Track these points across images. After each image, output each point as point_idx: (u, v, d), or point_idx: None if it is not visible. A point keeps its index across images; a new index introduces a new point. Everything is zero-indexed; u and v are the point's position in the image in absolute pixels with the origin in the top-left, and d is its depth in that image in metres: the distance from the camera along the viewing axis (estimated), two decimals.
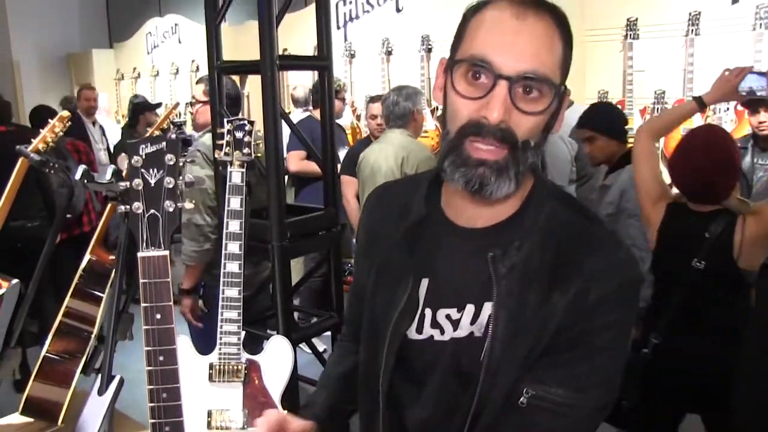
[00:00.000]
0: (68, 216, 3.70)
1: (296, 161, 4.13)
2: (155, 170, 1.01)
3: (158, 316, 1.03)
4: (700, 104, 2.37)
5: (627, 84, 4.48)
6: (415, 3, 5.39)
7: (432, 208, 1.07)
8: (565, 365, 0.96)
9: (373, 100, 4.23)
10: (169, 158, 1.01)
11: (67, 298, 2.29)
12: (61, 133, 2.13)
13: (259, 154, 2.15)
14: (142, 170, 1.00)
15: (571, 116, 3.89)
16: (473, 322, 1.01)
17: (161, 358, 1.04)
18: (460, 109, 0.94)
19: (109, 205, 2.07)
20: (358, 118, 5.61)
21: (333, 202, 2.48)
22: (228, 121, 2.03)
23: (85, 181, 1.68)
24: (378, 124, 3.86)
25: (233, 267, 1.94)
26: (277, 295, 2.35)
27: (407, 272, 1.05)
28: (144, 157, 1.00)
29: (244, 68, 2.48)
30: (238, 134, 2.00)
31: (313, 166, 3.72)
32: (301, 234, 2.42)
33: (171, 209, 1.01)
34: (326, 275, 2.76)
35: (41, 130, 2.11)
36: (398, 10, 5.51)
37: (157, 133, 3.50)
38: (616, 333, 0.97)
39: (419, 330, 1.06)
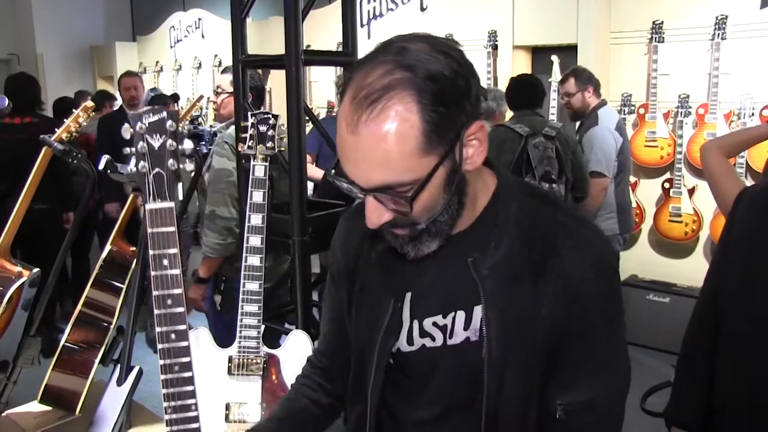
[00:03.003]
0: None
1: None
2: (158, 135, 1.11)
3: (165, 262, 1.10)
4: None
5: (651, 87, 4.46)
6: (439, 2, 5.37)
7: None
8: (581, 362, 1.00)
9: None
10: (170, 124, 1.11)
11: (87, 288, 2.30)
12: (84, 123, 2.14)
13: (282, 148, 2.14)
14: (146, 135, 1.10)
15: (606, 114, 3.89)
16: (467, 327, 1.03)
17: (169, 302, 1.10)
18: None
19: (131, 196, 2.07)
20: None
21: (354, 198, 2.47)
22: (252, 115, 2.03)
23: (108, 171, 1.69)
24: None
25: (254, 260, 1.93)
26: (298, 289, 2.34)
27: (387, 292, 1.08)
28: (147, 125, 1.10)
29: (268, 62, 2.47)
30: (262, 128, 2.00)
31: (313, 172, 3.63)
32: (323, 229, 2.41)
33: (174, 168, 1.11)
34: None
35: (65, 120, 2.12)
36: (422, 9, 5.49)
37: (183, 124, 3.49)
38: (614, 312, 1.02)
39: (410, 342, 1.08)
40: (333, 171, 0.99)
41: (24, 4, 8.39)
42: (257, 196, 1.96)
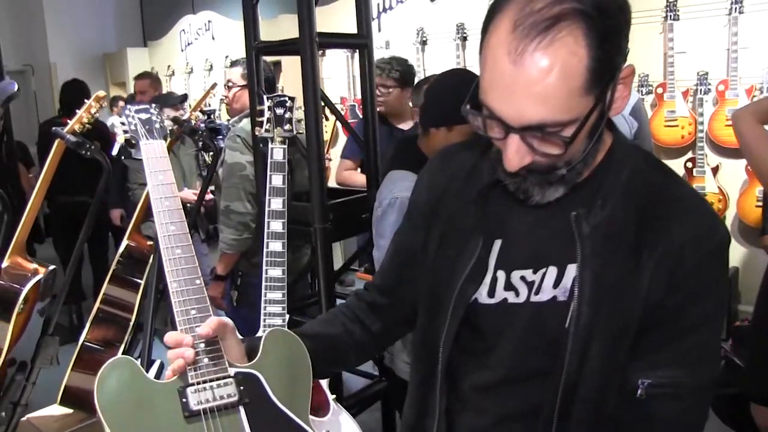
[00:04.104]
0: None
1: (340, 171, 3.72)
2: (143, 113, 1.37)
3: (161, 178, 1.23)
4: None
5: (668, 66, 4.36)
6: None
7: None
8: (673, 343, 0.92)
9: None
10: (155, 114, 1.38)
11: (105, 285, 2.27)
12: (97, 114, 2.11)
13: (301, 131, 2.09)
14: (137, 115, 1.36)
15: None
16: (556, 285, 0.96)
17: (173, 229, 1.17)
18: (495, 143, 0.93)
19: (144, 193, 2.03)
20: None
21: (376, 184, 2.43)
22: (268, 98, 1.98)
23: (123, 157, 1.65)
24: None
25: (276, 246, 1.89)
26: (321, 279, 2.29)
27: (477, 234, 1.01)
28: (135, 111, 1.37)
29: (282, 47, 2.43)
30: (279, 111, 1.96)
31: (357, 178, 3.51)
32: (344, 216, 2.36)
33: (159, 122, 1.37)
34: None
35: (77, 111, 2.09)
36: (432, 0, 5.44)
37: (196, 114, 3.45)
38: (716, 300, 0.93)
39: (491, 293, 1.01)
40: (467, 106, 0.91)
41: (36, 15, 8.45)
42: (277, 180, 1.91)
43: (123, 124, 1.32)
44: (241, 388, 1.04)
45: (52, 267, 2.25)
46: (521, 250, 0.99)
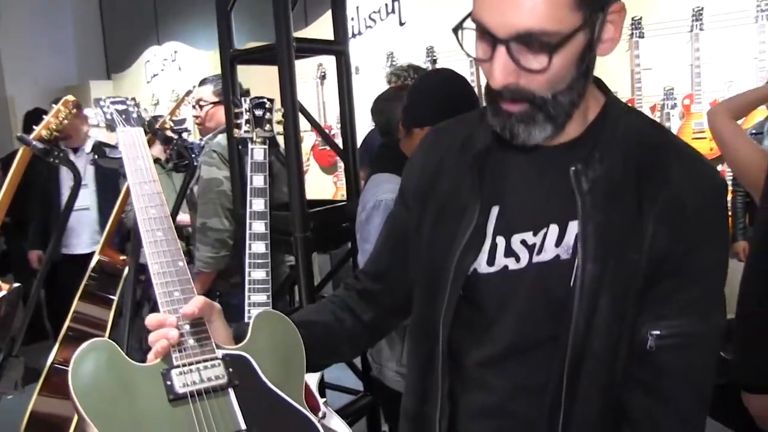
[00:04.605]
0: None
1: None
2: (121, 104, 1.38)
3: (139, 163, 1.18)
4: None
5: (635, 83, 4.46)
6: (418, 15, 5.37)
7: (499, 136, 1.01)
8: (680, 292, 0.92)
9: None
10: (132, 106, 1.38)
11: (75, 302, 2.17)
12: (65, 121, 2.02)
13: (280, 132, 2.05)
14: (114, 106, 1.35)
15: None
16: (558, 243, 0.94)
17: (153, 212, 1.11)
18: (482, 69, 0.93)
19: (123, 188, 1.94)
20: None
21: (356, 192, 2.38)
22: (246, 100, 1.94)
23: (96, 156, 1.58)
24: None
25: (259, 247, 1.83)
26: (302, 289, 2.23)
27: (474, 201, 1.00)
28: (111, 102, 1.38)
29: (258, 54, 2.39)
30: (258, 112, 1.92)
31: None
32: (324, 226, 2.31)
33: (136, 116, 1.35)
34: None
35: (44, 116, 2.01)
36: (401, 24, 5.48)
37: (171, 118, 3.36)
38: (720, 247, 0.94)
39: (490, 261, 0.99)
40: (460, 23, 0.92)
41: None
42: (258, 180, 1.86)
43: (97, 115, 1.31)
44: (230, 370, 0.97)
45: (16, 285, 2.14)
46: (520, 213, 0.99)
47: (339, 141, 2.60)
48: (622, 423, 0.95)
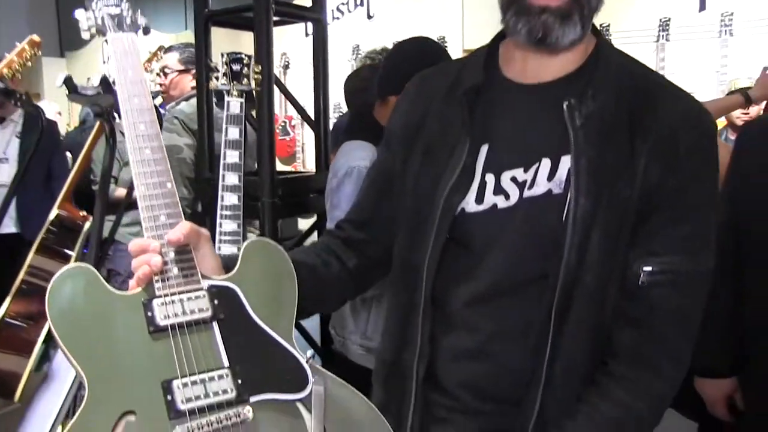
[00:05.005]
0: None
1: None
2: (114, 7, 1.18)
3: (130, 74, 1.07)
4: (747, 99, 2.38)
5: None
6: (385, 9, 5.36)
7: (490, 74, 1.01)
8: (671, 228, 0.91)
9: None
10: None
11: (31, 255, 2.05)
12: (29, 63, 1.90)
13: (257, 88, 1.98)
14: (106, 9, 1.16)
15: None
16: (550, 177, 0.93)
17: (142, 128, 1.01)
18: None
19: (96, 126, 1.82)
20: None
21: (326, 164, 2.33)
22: (223, 54, 1.87)
23: (68, 92, 1.48)
24: None
25: (232, 199, 1.76)
26: None
27: (463, 140, 0.98)
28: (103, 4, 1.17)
29: (235, 15, 2.32)
30: (236, 66, 1.85)
31: None
32: (292, 193, 2.25)
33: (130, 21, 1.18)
34: None
35: (6, 54, 1.88)
36: (369, 17, 5.46)
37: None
38: (709, 185, 0.94)
39: (479, 200, 0.97)
40: None
41: None
42: (233, 133, 1.80)
43: (89, 19, 1.15)
44: (215, 302, 0.90)
45: None
46: (511, 150, 0.97)
47: (302, 132, 2.55)
48: (608, 358, 0.94)
